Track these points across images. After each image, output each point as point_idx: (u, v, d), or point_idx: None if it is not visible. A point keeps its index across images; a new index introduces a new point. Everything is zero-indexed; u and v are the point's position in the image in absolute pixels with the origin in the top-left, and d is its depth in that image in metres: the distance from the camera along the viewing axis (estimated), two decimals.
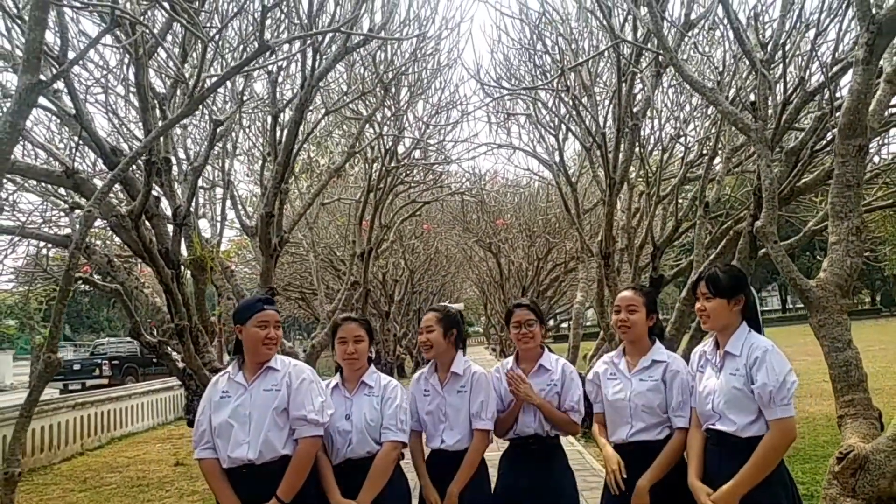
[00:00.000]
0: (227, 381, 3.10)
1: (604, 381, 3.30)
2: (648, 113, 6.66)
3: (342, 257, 14.85)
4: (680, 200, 8.01)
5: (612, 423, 3.22)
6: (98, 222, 7.14)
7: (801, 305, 4.06)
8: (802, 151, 5.71)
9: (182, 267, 6.39)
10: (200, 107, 7.22)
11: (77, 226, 7.88)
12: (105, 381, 20.13)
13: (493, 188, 15.00)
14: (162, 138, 5.56)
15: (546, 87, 6.75)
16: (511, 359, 3.61)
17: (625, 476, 3.07)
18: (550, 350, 3.60)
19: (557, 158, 8.65)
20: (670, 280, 8.73)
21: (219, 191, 9.22)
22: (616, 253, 6.21)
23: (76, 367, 21.39)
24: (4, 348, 37.73)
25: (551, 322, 23.70)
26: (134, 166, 5.42)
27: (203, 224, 9.93)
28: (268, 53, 3.59)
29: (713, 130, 7.00)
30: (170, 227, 6.30)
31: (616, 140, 5.72)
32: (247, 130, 9.57)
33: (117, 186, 6.03)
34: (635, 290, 3.29)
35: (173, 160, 6.05)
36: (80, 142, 5.47)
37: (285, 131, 5.90)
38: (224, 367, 6.70)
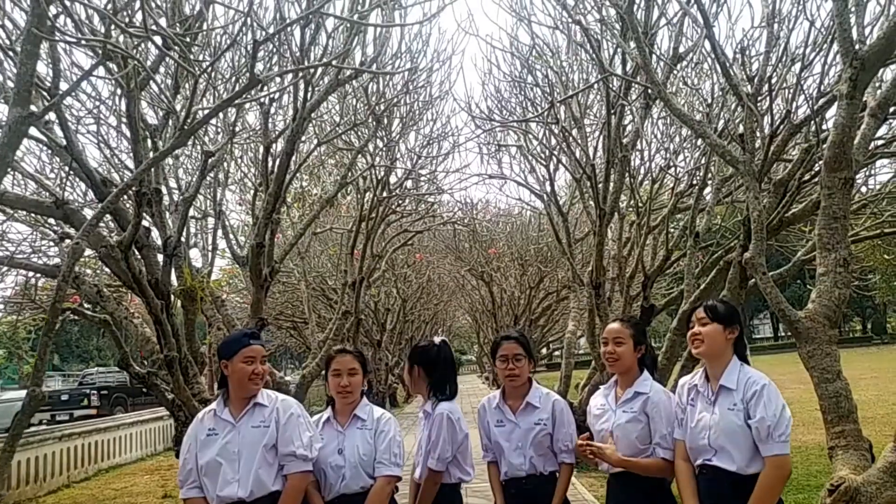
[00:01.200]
0: (213, 418, 3.05)
1: (594, 411, 3.31)
2: (638, 144, 6.72)
3: (334, 286, 14.81)
4: (671, 230, 8.04)
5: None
6: (88, 252, 7.13)
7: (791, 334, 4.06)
8: (790, 182, 5.76)
9: (172, 297, 6.37)
10: (192, 138, 7.26)
11: (66, 257, 7.88)
12: (93, 412, 19.83)
13: (484, 217, 15.06)
14: (153, 169, 5.58)
15: (536, 119, 6.82)
16: (497, 393, 3.55)
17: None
18: (538, 382, 3.55)
19: (548, 189, 8.71)
20: (661, 309, 8.73)
21: (210, 220, 9.25)
22: (607, 282, 6.21)
23: (64, 397, 21.10)
24: None
25: (544, 350, 23.62)
26: (124, 197, 5.42)
27: (194, 254, 9.93)
28: (259, 86, 3.61)
29: (703, 161, 7.06)
30: (160, 258, 6.30)
31: (605, 171, 5.77)
32: (238, 161, 9.61)
33: (107, 217, 6.02)
34: (622, 321, 3.29)
35: (164, 191, 6.05)
36: (71, 172, 5.47)
37: (277, 162, 5.92)
38: (214, 398, 6.66)
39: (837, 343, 3.99)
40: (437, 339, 3.62)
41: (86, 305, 8.47)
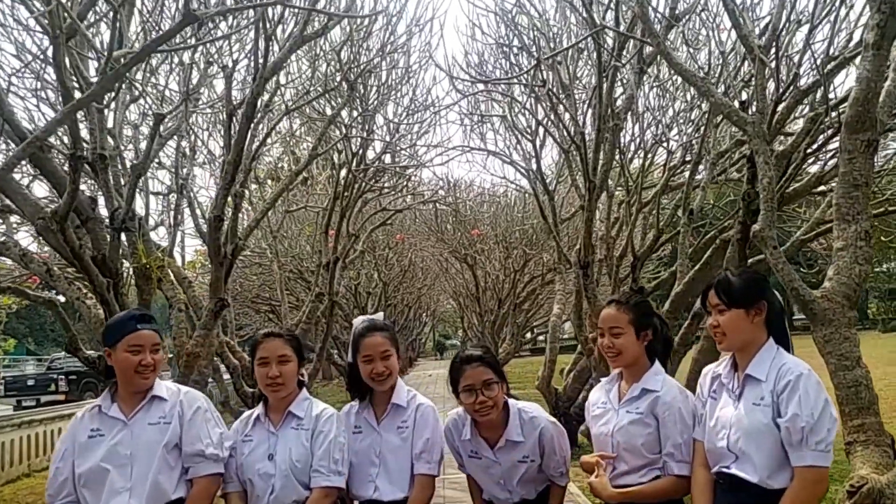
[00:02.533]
0: (98, 417, 2.57)
1: (592, 410, 2.77)
2: (630, 115, 6.25)
3: (312, 268, 14.30)
4: (662, 208, 7.60)
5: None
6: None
7: (804, 316, 3.57)
8: (794, 155, 5.32)
9: (125, 276, 5.85)
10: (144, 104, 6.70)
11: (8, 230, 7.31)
12: (61, 397, 19.25)
13: (468, 197, 14.54)
14: (98, 133, 5.04)
15: (521, 78, 6.30)
16: (465, 417, 2.89)
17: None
18: (513, 398, 2.88)
19: (534, 166, 8.23)
20: (651, 293, 8.32)
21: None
22: (595, 264, 5.75)
23: (30, 382, 20.48)
24: None
25: (528, 335, 23.27)
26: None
27: (163, 233, 9.37)
28: (197, 27, 3.10)
29: (697, 135, 6.62)
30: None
31: (596, 140, 5.30)
32: (208, 134, 9.04)
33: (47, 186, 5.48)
34: (618, 304, 2.69)
35: (111, 157, 5.50)
36: (3, 136, 4.92)
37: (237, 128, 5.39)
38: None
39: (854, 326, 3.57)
40: (378, 316, 3.00)
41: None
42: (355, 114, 7.97)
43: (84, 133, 6.47)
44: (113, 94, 5.32)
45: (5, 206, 6.35)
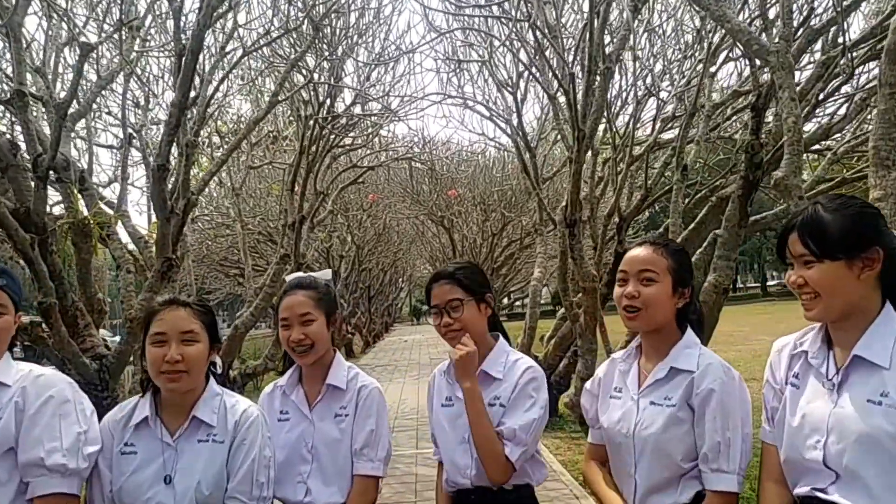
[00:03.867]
0: None
1: (602, 396, 2.03)
2: (619, 64, 5.68)
3: (280, 229, 13.68)
4: (649, 167, 7.09)
5: (615, 468, 1.99)
6: None
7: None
8: (806, 98, 4.82)
9: (54, 232, 5.23)
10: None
11: None
12: None
13: (444, 154, 13.91)
14: (16, 66, 4.38)
15: (504, 6, 5.67)
16: (447, 362, 2.31)
17: None
18: (507, 339, 2.31)
19: (515, 120, 7.67)
20: None
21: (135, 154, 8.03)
22: (580, 224, 5.24)
23: None
24: None
25: (505, 300, 22.90)
26: None
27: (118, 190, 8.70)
28: None
29: (692, 83, 6.09)
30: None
31: (586, 83, 4.74)
32: (168, 84, 8.32)
33: None
34: (656, 246, 1.92)
35: (30, 82, 4.84)
36: None
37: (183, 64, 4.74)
38: (113, 354, 5.58)
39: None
40: (324, 274, 2.41)
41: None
42: (325, 64, 7.32)
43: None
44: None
45: None
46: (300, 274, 2.36)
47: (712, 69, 5.53)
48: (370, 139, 9.84)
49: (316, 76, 7.20)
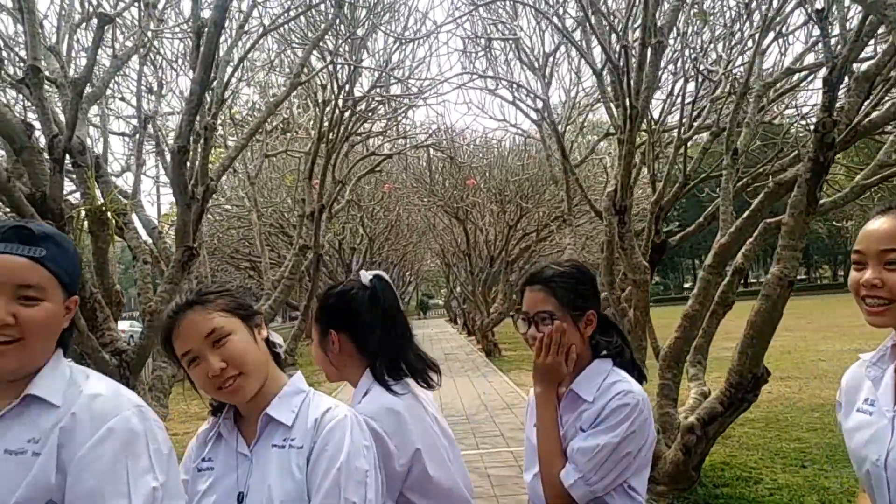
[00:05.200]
0: None
1: (846, 408, 1.57)
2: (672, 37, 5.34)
3: (293, 222, 13.37)
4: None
5: (872, 501, 1.50)
6: None
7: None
8: (878, 76, 4.47)
9: (71, 219, 4.93)
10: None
11: None
12: None
13: (463, 142, 13.54)
14: (30, 39, 4.06)
15: None
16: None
17: None
18: (616, 360, 1.89)
19: (540, 103, 7.35)
20: (675, 245, 7.53)
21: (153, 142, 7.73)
22: (630, 210, 4.91)
23: None
24: None
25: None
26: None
27: (132, 180, 8.42)
28: None
29: (741, 61, 5.76)
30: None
31: (640, 56, 4.39)
32: (182, 68, 8.00)
33: None
34: None
35: (45, 66, 4.53)
36: None
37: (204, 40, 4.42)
38: (133, 349, 5.28)
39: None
40: (365, 276, 1.95)
41: None
42: (341, 40, 6.98)
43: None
44: None
45: None
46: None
47: (767, 41, 5.16)
48: (392, 125, 9.49)
49: (335, 56, 6.86)
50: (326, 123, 7.78)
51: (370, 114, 8.41)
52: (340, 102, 7.34)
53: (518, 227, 16.44)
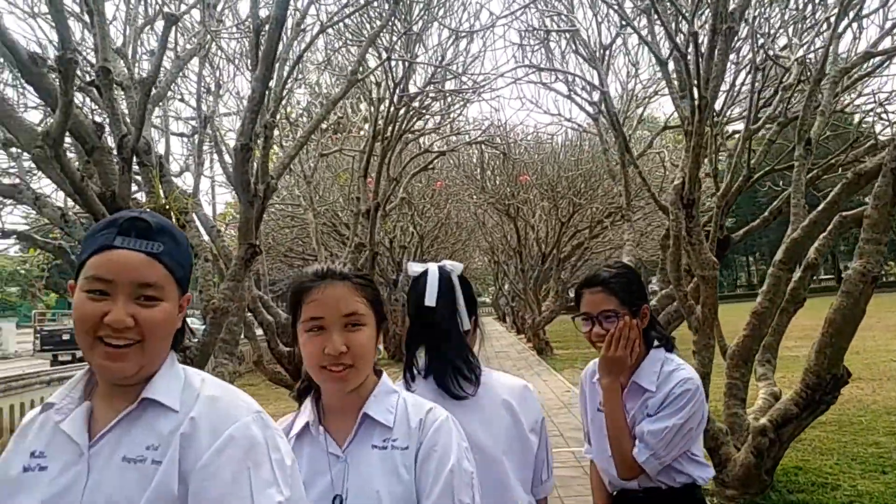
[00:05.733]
0: (49, 430, 1.23)
1: None
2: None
3: (345, 220, 13.45)
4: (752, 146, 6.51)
5: None
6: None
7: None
8: None
9: None
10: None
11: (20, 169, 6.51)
12: None
13: (516, 138, 13.41)
14: (100, 40, 4.14)
15: None
16: (594, 364, 2.24)
17: None
18: (668, 349, 2.13)
19: (596, 96, 7.21)
20: (738, 241, 7.31)
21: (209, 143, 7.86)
22: (698, 203, 4.75)
23: (65, 336, 20.16)
24: (7, 316, 36.71)
25: (572, 293, 22.33)
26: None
27: (189, 180, 8.60)
28: None
29: (815, 46, 5.52)
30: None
31: (710, 44, 4.24)
32: (238, 68, 8.12)
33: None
34: None
35: (121, 71, 4.61)
36: None
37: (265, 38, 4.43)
38: (195, 347, 5.35)
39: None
40: (423, 267, 1.90)
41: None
42: (395, 38, 6.96)
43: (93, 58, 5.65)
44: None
45: (8, 140, 5.50)
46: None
47: (843, 24, 4.94)
48: (445, 121, 9.44)
49: (391, 52, 6.84)
50: (381, 121, 7.78)
51: (424, 111, 8.37)
52: (395, 99, 7.31)
53: (570, 224, 16.22)
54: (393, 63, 7.29)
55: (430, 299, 1.78)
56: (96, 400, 1.24)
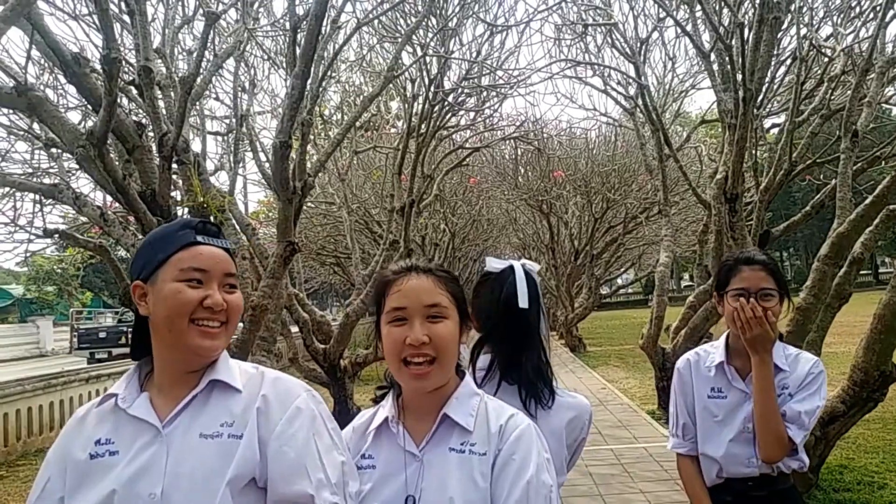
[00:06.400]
0: (112, 418, 1.33)
1: None
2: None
3: (378, 219, 13.48)
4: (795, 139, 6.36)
5: None
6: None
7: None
8: None
9: (177, 216, 5.08)
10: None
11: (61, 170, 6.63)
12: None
13: (553, 133, 13.31)
14: (142, 40, 4.18)
15: None
16: (717, 346, 2.26)
17: None
18: (781, 338, 2.24)
19: (633, 90, 7.11)
20: (779, 236, 7.16)
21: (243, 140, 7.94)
22: (741, 198, 4.65)
23: (102, 335, 20.59)
24: (45, 314, 37.49)
25: (605, 290, 22.13)
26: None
27: (224, 179, 8.69)
28: None
29: (861, 36, 5.37)
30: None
31: (756, 35, 4.14)
32: (273, 66, 8.18)
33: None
34: None
35: (159, 71, 4.66)
36: (33, 47, 4.12)
37: (304, 35, 4.45)
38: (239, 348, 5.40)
39: None
40: (497, 265, 1.88)
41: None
42: (430, 35, 6.95)
43: (131, 58, 5.74)
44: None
45: (49, 140, 5.61)
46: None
47: (891, 13, 4.79)
48: (480, 117, 9.41)
49: (426, 48, 6.83)
50: (415, 118, 7.77)
51: (459, 107, 8.35)
52: (430, 96, 7.30)
53: (604, 220, 16.07)
54: (427, 59, 7.28)
55: (524, 300, 1.76)
56: (152, 391, 1.37)
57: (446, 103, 7.76)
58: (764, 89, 7.08)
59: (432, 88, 7.19)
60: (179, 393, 1.34)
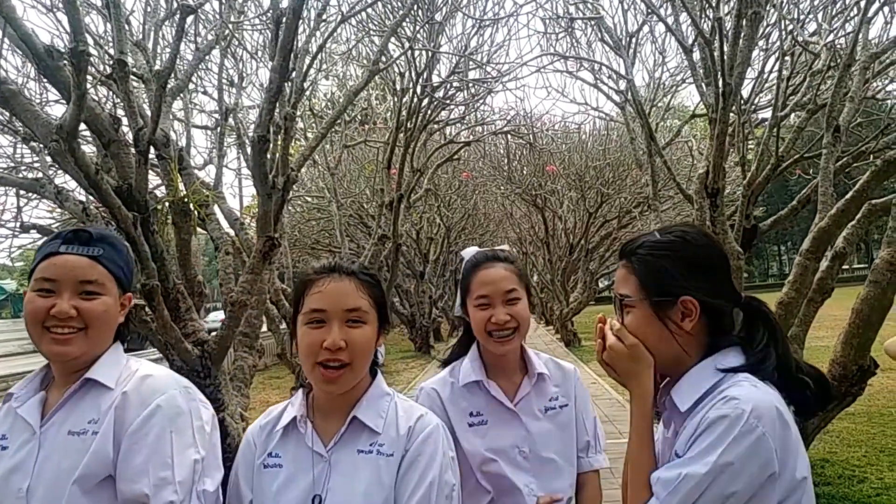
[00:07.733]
0: (10, 415, 1.45)
1: None
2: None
3: (371, 212, 13.47)
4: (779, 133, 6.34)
5: None
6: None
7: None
8: None
9: (157, 211, 5.05)
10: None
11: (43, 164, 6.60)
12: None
13: (542, 127, 13.30)
14: (116, 33, 4.15)
15: None
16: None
17: None
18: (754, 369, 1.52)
19: (623, 85, 7.07)
20: (766, 231, 7.13)
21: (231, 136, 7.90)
22: (722, 193, 4.63)
23: None
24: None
25: (601, 283, 22.12)
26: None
27: (213, 172, 8.66)
28: None
29: (845, 31, 5.34)
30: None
31: (735, 29, 4.11)
32: (261, 61, 8.14)
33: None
34: None
35: (132, 63, 4.63)
36: (4, 39, 4.09)
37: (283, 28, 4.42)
38: (214, 341, 5.38)
39: None
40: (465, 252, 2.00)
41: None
42: (418, 27, 6.91)
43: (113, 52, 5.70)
44: None
45: (27, 134, 5.59)
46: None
47: (873, 9, 4.76)
48: (470, 111, 9.37)
49: (413, 42, 6.79)
50: (404, 112, 7.74)
51: (448, 101, 8.31)
52: (419, 90, 7.27)
53: (598, 214, 16.05)
54: (416, 53, 7.24)
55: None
56: (51, 390, 1.46)
57: (435, 97, 7.72)
58: (753, 84, 7.07)
59: (420, 82, 7.16)
60: (66, 389, 1.43)
